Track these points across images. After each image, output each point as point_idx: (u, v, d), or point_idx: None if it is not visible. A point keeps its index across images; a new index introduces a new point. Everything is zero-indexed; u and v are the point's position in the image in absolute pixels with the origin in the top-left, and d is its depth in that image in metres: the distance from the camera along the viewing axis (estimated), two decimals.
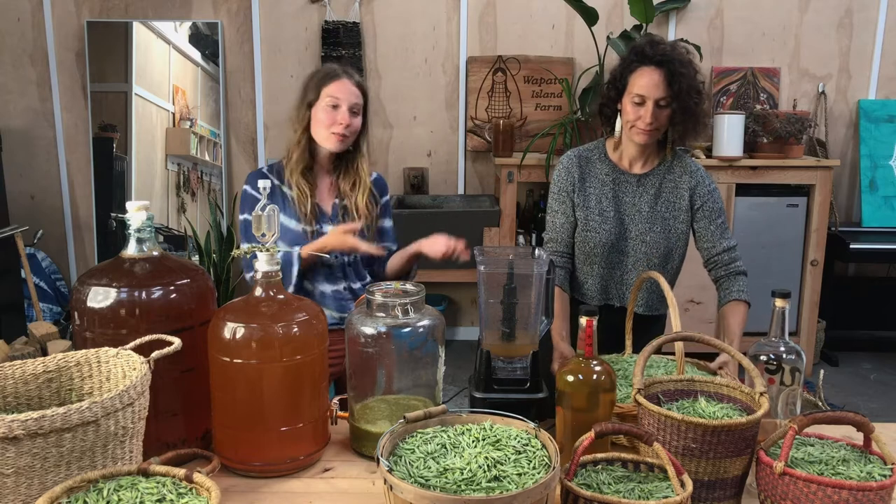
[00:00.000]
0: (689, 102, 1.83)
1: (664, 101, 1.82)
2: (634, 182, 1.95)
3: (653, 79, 1.81)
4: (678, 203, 1.94)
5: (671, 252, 1.95)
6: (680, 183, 1.95)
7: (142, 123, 4.21)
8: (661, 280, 1.57)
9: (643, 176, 1.95)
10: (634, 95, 1.83)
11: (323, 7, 4.17)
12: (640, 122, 1.84)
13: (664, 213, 1.94)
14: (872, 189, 4.16)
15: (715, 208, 1.95)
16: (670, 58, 1.81)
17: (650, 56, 1.82)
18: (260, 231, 1.34)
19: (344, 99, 1.89)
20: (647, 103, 1.82)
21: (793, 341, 1.36)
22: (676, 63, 1.81)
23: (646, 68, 1.83)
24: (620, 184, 1.95)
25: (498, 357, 1.47)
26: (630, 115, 1.86)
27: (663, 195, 1.94)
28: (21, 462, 0.98)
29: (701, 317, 3.94)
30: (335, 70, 1.93)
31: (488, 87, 4.24)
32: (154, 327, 1.25)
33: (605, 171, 1.96)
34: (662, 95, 1.81)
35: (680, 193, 1.94)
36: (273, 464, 1.29)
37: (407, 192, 4.27)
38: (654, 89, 1.81)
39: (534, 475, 1.03)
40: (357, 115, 1.93)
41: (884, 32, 4.22)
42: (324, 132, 1.91)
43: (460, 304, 4.55)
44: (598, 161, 1.97)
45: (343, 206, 1.98)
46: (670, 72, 1.81)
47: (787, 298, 1.33)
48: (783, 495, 1.08)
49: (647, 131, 1.84)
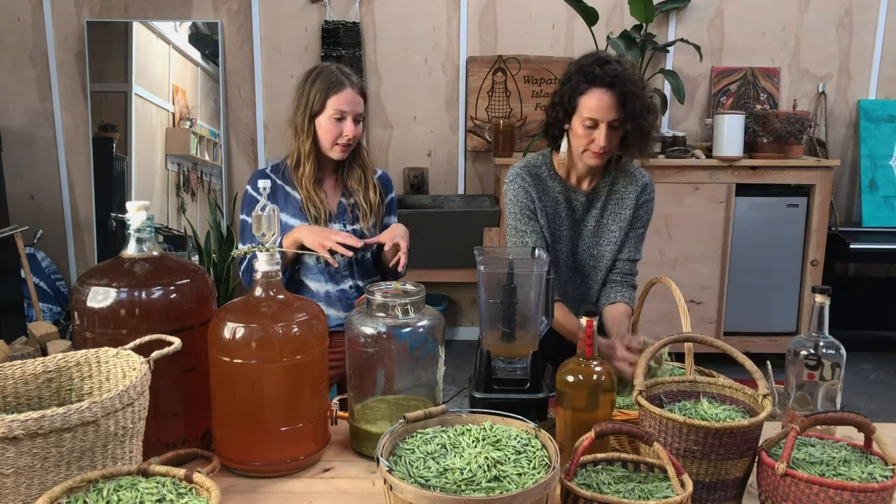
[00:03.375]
0: (642, 123, 1.77)
1: (617, 123, 1.76)
2: (584, 199, 1.92)
3: (605, 101, 1.73)
4: (623, 213, 1.93)
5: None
6: (626, 193, 1.93)
7: (142, 123, 4.21)
8: (671, 284, 1.57)
9: (591, 192, 1.93)
10: (586, 119, 1.76)
11: (323, 7, 4.17)
12: (593, 146, 1.78)
13: (610, 225, 1.93)
14: (872, 189, 4.16)
15: (644, 219, 1.95)
16: (621, 78, 1.73)
17: (600, 77, 1.74)
18: (260, 231, 1.34)
19: (350, 111, 1.89)
20: (601, 126, 1.75)
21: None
22: (628, 83, 1.74)
23: (596, 90, 1.74)
24: (571, 202, 1.92)
25: (498, 357, 1.47)
26: (582, 139, 1.79)
27: (609, 207, 1.92)
28: (21, 462, 0.98)
29: (701, 317, 3.94)
30: (339, 78, 1.90)
31: (488, 87, 4.24)
32: (154, 327, 1.25)
33: (556, 189, 1.91)
34: (615, 117, 1.74)
35: (626, 203, 1.92)
36: (273, 464, 1.28)
37: (407, 192, 4.27)
38: (607, 112, 1.74)
39: (534, 475, 1.03)
40: (360, 121, 1.93)
41: (884, 32, 4.22)
42: (329, 144, 1.91)
43: (460, 304, 4.55)
44: (548, 179, 1.92)
45: (351, 204, 1.98)
46: (622, 93, 1.73)
47: (827, 294, 1.32)
48: (784, 496, 1.08)
49: (600, 154, 1.80)
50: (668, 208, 3.85)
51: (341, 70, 1.94)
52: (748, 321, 4.02)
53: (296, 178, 1.95)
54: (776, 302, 4.00)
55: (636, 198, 1.92)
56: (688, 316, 1.50)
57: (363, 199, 1.97)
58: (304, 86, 1.93)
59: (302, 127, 1.92)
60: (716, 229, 3.89)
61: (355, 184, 1.98)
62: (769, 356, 1.77)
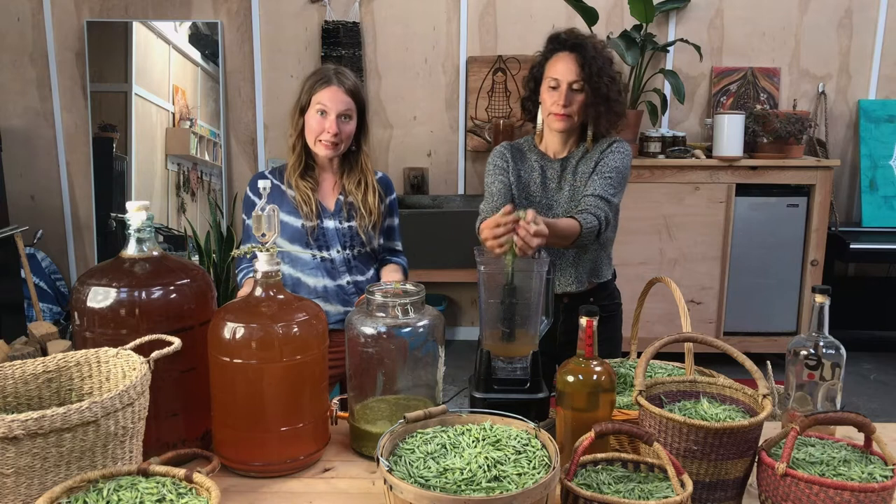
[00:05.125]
0: (600, 86, 1.87)
1: (577, 85, 1.87)
2: (558, 167, 1.98)
3: (567, 64, 1.87)
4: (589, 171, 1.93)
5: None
6: (595, 156, 1.93)
7: (142, 123, 4.21)
8: (671, 284, 1.57)
9: (564, 159, 1.98)
10: (550, 79, 1.88)
11: (323, 7, 4.17)
12: (554, 107, 1.88)
13: (580, 186, 1.93)
14: (872, 189, 4.16)
15: (610, 164, 1.89)
16: (583, 43, 1.88)
17: (564, 41, 1.89)
18: (260, 231, 1.34)
19: (332, 107, 1.89)
20: (562, 86, 1.87)
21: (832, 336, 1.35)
22: (590, 48, 1.87)
23: (561, 53, 1.89)
24: (546, 170, 1.98)
25: (498, 357, 1.47)
26: (547, 102, 1.91)
27: (579, 170, 1.95)
28: (21, 462, 0.98)
29: (701, 317, 3.94)
30: (328, 75, 1.93)
31: (488, 86, 4.24)
32: (154, 327, 1.25)
33: (533, 158, 2.00)
34: (575, 78, 1.86)
35: (592, 163, 1.93)
36: (273, 464, 1.28)
37: (407, 193, 4.27)
38: (568, 73, 1.86)
39: (534, 475, 1.03)
40: (349, 120, 1.93)
41: (884, 32, 4.22)
42: (313, 139, 1.93)
43: (460, 304, 4.55)
44: (528, 151, 2.02)
45: (348, 202, 1.99)
46: (583, 56, 1.86)
47: (827, 294, 1.32)
48: (784, 496, 1.08)
49: (562, 115, 1.88)
50: (668, 208, 3.85)
51: (336, 69, 1.95)
52: (748, 321, 4.02)
53: (287, 172, 1.98)
54: (776, 302, 4.00)
55: (601, 152, 1.94)
56: (688, 316, 1.50)
57: (361, 202, 1.98)
58: (301, 83, 1.97)
59: (291, 121, 1.98)
60: (716, 229, 3.89)
61: (353, 187, 1.98)
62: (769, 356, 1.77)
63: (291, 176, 1.97)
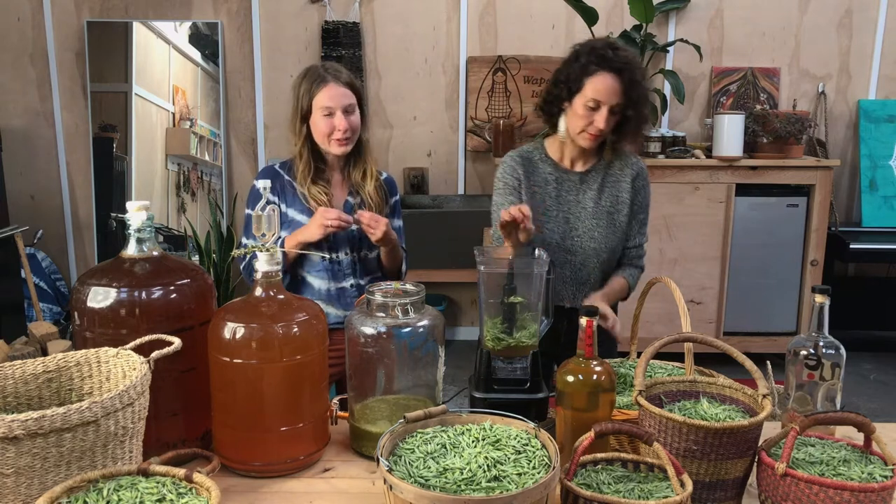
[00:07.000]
0: (642, 111, 1.84)
1: (617, 108, 1.81)
2: (577, 180, 1.95)
3: (612, 85, 1.78)
4: (621, 196, 1.95)
5: (619, 245, 1.97)
6: (622, 176, 1.96)
7: (142, 123, 4.21)
8: (671, 284, 1.57)
9: (585, 173, 1.96)
10: (590, 100, 1.80)
11: (323, 7, 4.17)
12: (591, 128, 1.82)
13: (608, 207, 1.94)
14: (872, 189, 4.16)
15: (643, 203, 1.99)
16: (631, 66, 1.80)
17: (611, 61, 1.79)
18: (260, 231, 1.34)
19: (336, 105, 1.89)
20: (602, 109, 1.80)
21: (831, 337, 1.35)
22: (636, 72, 1.81)
23: (605, 73, 1.79)
24: (563, 182, 1.95)
25: (498, 357, 1.47)
26: (581, 120, 1.83)
27: (606, 190, 1.95)
28: (21, 462, 0.98)
29: (701, 317, 3.94)
30: (321, 74, 1.92)
31: (488, 87, 4.24)
32: (154, 327, 1.25)
33: (547, 170, 1.95)
34: (618, 102, 1.80)
35: (622, 186, 1.95)
36: (273, 464, 1.28)
37: (407, 193, 4.27)
38: (612, 96, 1.79)
39: (534, 475, 1.03)
40: (353, 112, 1.93)
41: (884, 32, 4.22)
42: (325, 140, 1.92)
43: (460, 304, 4.55)
44: (539, 161, 1.96)
45: (357, 203, 1.99)
46: (629, 80, 1.79)
47: (827, 294, 1.33)
48: (784, 496, 1.08)
49: (595, 136, 1.84)
50: (668, 208, 3.85)
51: (325, 66, 1.95)
52: (748, 321, 4.02)
53: (297, 179, 1.98)
54: (776, 302, 4.00)
55: (632, 182, 1.95)
56: (688, 316, 1.50)
57: (368, 194, 1.98)
58: (295, 90, 1.96)
59: (294, 129, 1.96)
60: (716, 229, 3.89)
61: (359, 177, 1.99)
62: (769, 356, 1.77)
63: (304, 184, 1.95)
